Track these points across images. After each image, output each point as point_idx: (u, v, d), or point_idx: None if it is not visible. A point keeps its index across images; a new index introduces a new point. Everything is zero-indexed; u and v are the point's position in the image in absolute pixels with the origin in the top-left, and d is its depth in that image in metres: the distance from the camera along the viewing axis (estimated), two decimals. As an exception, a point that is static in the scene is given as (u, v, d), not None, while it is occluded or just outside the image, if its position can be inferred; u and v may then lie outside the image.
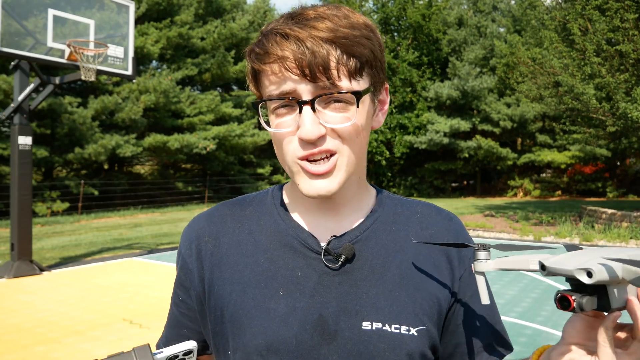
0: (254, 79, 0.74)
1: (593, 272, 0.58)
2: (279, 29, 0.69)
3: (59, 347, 4.43)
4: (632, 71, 11.57)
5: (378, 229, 0.80)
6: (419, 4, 26.87)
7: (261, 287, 0.76)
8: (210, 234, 0.82)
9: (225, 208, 0.86)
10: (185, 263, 0.83)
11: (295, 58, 0.66)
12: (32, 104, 7.46)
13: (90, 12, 7.52)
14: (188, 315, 0.84)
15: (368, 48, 0.70)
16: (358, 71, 0.69)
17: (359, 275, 0.76)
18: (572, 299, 0.60)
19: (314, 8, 0.71)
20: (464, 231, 0.87)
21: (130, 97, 18.07)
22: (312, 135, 0.68)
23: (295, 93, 0.68)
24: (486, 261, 0.69)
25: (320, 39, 0.67)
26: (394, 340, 0.73)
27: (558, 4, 14.33)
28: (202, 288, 0.80)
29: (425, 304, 0.76)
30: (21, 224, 7.27)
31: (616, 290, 0.62)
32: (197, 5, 21.93)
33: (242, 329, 0.75)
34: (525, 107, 23.67)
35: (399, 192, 27.64)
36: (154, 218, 16.12)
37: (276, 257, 0.78)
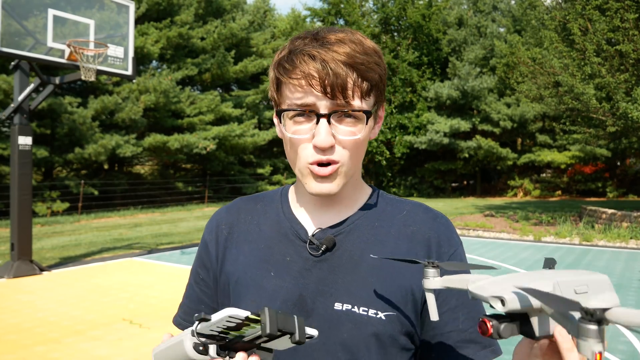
0: (276, 88, 0.85)
1: (505, 300, 0.58)
2: (306, 50, 0.80)
3: (59, 347, 4.43)
4: (632, 71, 11.57)
5: (361, 224, 0.91)
6: (419, 4, 26.86)
7: (258, 268, 0.90)
8: (227, 223, 0.99)
9: (242, 202, 1.02)
10: (207, 246, 0.99)
11: (320, 77, 0.78)
12: (32, 104, 7.46)
13: (90, 12, 7.52)
14: (207, 293, 0.99)
15: (377, 73, 0.82)
16: (368, 93, 0.82)
17: (337, 262, 0.87)
18: (490, 325, 0.60)
19: (334, 33, 0.82)
20: (448, 231, 0.93)
21: (130, 97, 18.06)
22: (326, 143, 0.79)
23: (315, 106, 0.80)
24: (433, 278, 0.73)
25: (341, 62, 0.78)
26: (361, 321, 0.83)
27: (558, 4, 14.33)
28: (217, 267, 0.97)
29: (399, 293, 0.85)
30: (21, 224, 7.27)
31: (540, 318, 0.60)
32: (197, 5, 21.92)
33: (240, 301, 0.89)
34: (525, 107, 23.66)
35: (399, 192, 27.63)
36: (154, 218, 16.12)
37: (273, 244, 0.92)
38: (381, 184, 28.09)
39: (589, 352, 0.52)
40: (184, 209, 19.11)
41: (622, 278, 7.44)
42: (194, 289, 1.01)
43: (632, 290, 6.64)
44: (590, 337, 0.52)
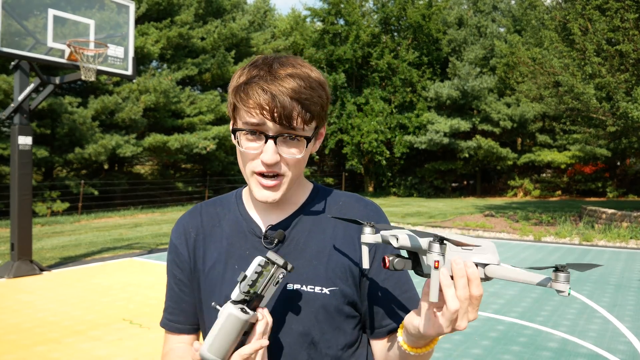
0: (233, 109, 1.00)
1: (398, 238, 0.80)
2: (260, 83, 0.93)
3: (59, 347, 4.43)
4: (632, 71, 11.57)
5: (304, 217, 1.08)
6: (419, 4, 26.85)
7: (223, 262, 1.06)
8: (193, 226, 1.13)
9: (202, 208, 1.16)
10: (178, 249, 1.12)
11: (270, 107, 0.92)
12: (32, 104, 7.46)
13: (90, 12, 7.52)
14: (185, 291, 1.12)
15: (319, 105, 0.97)
16: (310, 120, 0.97)
17: (286, 251, 1.04)
18: (388, 260, 0.81)
19: (284, 68, 0.96)
20: (377, 213, 1.12)
21: (130, 97, 18.05)
22: (271, 160, 0.95)
23: (264, 128, 0.95)
24: (370, 234, 0.89)
25: (288, 96, 0.93)
26: (308, 297, 1.01)
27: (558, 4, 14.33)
28: (190, 266, 1.10)
29: (338, 270, 1.03)
30: (21, 224, 7.27)
31: (426, 258, 0.78)
32: (197, 5, 21.91)
33: (212, 293, 1.05)
34: (525, 107, 23.65)
35: (399, 192, 27.63)
36: (154, 218, 16.12)
37: (234, 241, 1.07)
38: (381, 184, 28.07)
39: (431, 261, 0.74)
40: (184, 209, 19.11)
41: (622, 278, 7.43)
42: (174, 290, 1.13)
43: (632, 290, 6.64)
44: (433, 251, 0.74)
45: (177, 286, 1.12)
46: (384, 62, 25.85)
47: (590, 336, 4.79)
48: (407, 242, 0.79)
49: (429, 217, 16.09)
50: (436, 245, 0.73)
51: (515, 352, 4.34)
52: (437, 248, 0.73)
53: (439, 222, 14.66)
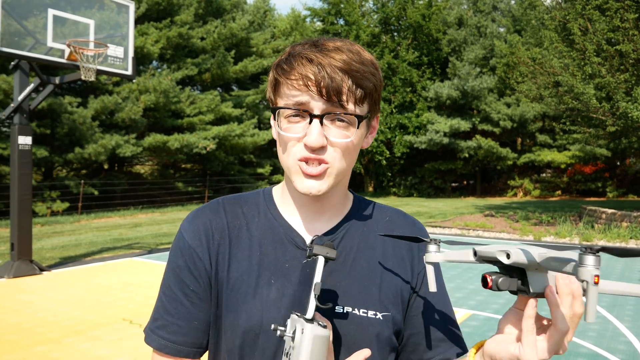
0: (273, 88, 0.87)
1: (511, 253, 0.67)
2: (304, 53, 0.82)
3: (59, 347, 4.43)
4: (632, 71, 11.57)
5: (352, 230, 0.95)
6: (419, 4, 26.85)
7: (255, 275, 0.88)
8: (217, 226, 0.93)
9: (225, 205, 0.96)
10: (195, 252, 0.91)
11: (316, 79, 0.80)
12: (32, 104, 7.46)
13: (90, 12, 7.52)
14: (199, 306, 0.90)
15: (372, 82, 0.84)
16: (362, 99, 0.83)
17: (334, 267, 0.90)
18: (490, 279, 0.70)
19: (333, 41, 0.85)
20: (425, 234, 1.01)
21: (130, 97, 18.05)
22: (316, 143, 0.80)
23: (309, 106, 0.81)
24: (435, 253, 0.79)
25: (337, 67, 0.80)
26: (362, 322, 0.87)
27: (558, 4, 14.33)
28: (210, 275, 0.90)
29: (390, 292, 0.91)
30: (21, 224, 7.27)
31: (535, 275, 0.70)
32: (197, 5, 21.91)
33: (238, 311, 0.87)
34: (525, 107, 23.66)
35: (399, 192, 27.63)
36: (154, 218, 16.12)
37: (269, 251, 0.90)
38: (381, 184, 28.07)
39: (589, 276, 0.61)
40: (184, 209, 19.11)
41: (622, 278, 7.44)
42: (181, 304, 0.90)
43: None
44: (589, 264, 0.62)
45: (187, 299, 0.90)
46: (384, 62, 25.84)
47: (590, 336, 4.79)
48: (522, 258, 0.67)
49: (429, 217, 16.09)
50: (592, 258, 0.63)
51: (515, 352, 4.34)
52: (594, 261, 0.63)
53: (439, 222, 14.66)
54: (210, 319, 0.90)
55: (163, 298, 0.92)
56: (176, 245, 0.94)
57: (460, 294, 6.40)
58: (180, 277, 0.91)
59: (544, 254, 0.66)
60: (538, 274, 0.70)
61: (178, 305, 0.90)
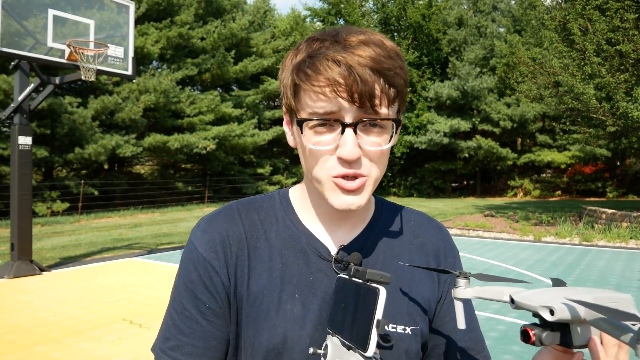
0: (293, 94, 0.77)
1: (555, 310, 0.62)
2: (329, 54, 0.72)
3: (59, 347, 4.43)
4: (632, 71, 11.57)
5: (378, 237, 0.88)
6: (419, 4, 26.86)
7: (278, 290, 0.81)
8: (234, 236, 0.84)
9: (239, 212, 0.87)
10: (211, 266, 0.81)
11: (347, 84, 0.71)
12: (32, 104, 7.46)
13: (90, 12, 7.52)
14: (217, 324, 0.82)
15: (403, 79, 0.76)
16: (394, 100, 0.75)
17: None
18: (533, 333, 0.65)
19: (355, 34, 0.75)
20: (450, 240, 0.97)
21: (130, 97, 18.06)
22: (353, 155, 0.72)
23: (339, 115, 0.73)
24: (465, 288, 0.74)
25: (368, 67, 0.71)
26: (392, 339, 0.81)
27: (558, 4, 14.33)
28: (229, 291, 0.82)
29: (418, 306, 0.86)
30: (21, 224, 7.27)
31: (579, 328, 0.65)
32: (197, 5, 21.91)
33: (259, 328, 0.79)
34: (525, 107, 23.67)
35: (399, 192, 27.63)
36: (154, 218, 16.12)
37: (291, 262, 0.83)
38: (381, 184, 28.08)
39: None
40: (184, 209, 19.11)
41: (622, 278, 7.44)
42: (197, 322, 0.81)
43: (632, 290, 6.64)
44: None
45: (203, 317, 0.81)
46: (384, 62, 25.86)
47: (590, 336, 4.78)
48: (567, 315, 0.62)
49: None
50: None
51: (515, 352, 4.34)
52: None
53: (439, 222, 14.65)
54: (228, 338, 0.83)
55: (175, 316, 0.83)
56: (188, 257, 0.83)
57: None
58: (195, 293, 0.82)
59: (594, 314, 0.60)
60: (583, 327, 0.65)
61: (193, 324, 0.81)
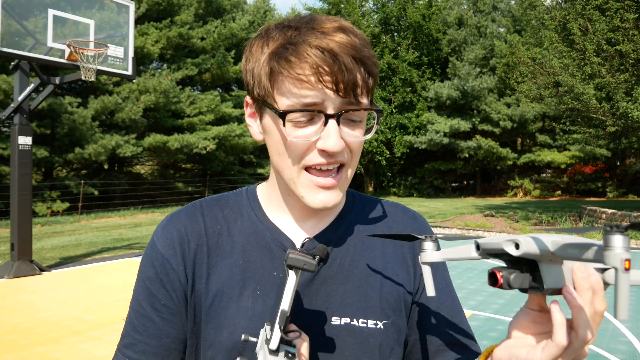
0: (270, 81, 0.71)
1: (520, 243, 0.56)
2: (311, 40, 0.68)
3: (59, 347, 4.43)
4: (632, 71, 11.57)
5: (347, 229, 0.84)
6: (419, 4, 26.87)
7: (239, 286, 0.78)
8: (193, 233, 0.81)
9: (203, 208, 0.85)
10: (168, 263, 0.79)
11: (332, 71, 0.67)
12: (32, 104, 7.46)
13: (90, 12, 7.52)
14: (171, 321, 0.79)
15: (377, 67, 0.74)
16: (372, 89, 0.73)
17: (328, 273, 0.80)
18: (500, 275, 0.59)
19: (328, 20, 0.71)
20: (427, 228, 0.91)
21: (130, 97, 18.06)
22: (338, 148, 0.70)
23: (322, 105, 0.69)
24: (432, 252, 0.70)
25: (350, 55, 0.68)
26: (362, 334, 0.77)
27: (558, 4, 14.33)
28: (186, 288, 0.79)
29: (391, 297, 0.81)
30: (21, 224, 7.27)
31: (549, 268, 0.59)
32: (197, 5, 21.92)
33: (219, 327, 0.76)
34: (525, 107, 23.67)
35: (399, 192, 27.63)
36: (154, 218, 16.12)
37: (254, 257, 0.80)
38: (381, 184, 28.08)
39: (618, 261, 0.49)
40: (184, 209, 19.10)
41: (622, 278, 7.44)
42: (151, 320, 0.79)
43: (632, 290, 6.64)
44: (617, 245, 0.50)
45: (157, 314, 0.79)
46: (384, 62, 25.85)
47: (590, 336, 4.79)
48: (534, 248, 0.56)
49: (429, 217, 16.09)
50: (620, 238, 0.50)
51: (515, 352, 4.34)
52: (622, 241, 0.50)
53: (439, 222, 14.66)
54: (184, 336, 0.80)
55: (132, 314, 0.81)
56: (148, 254, 0.82)
57: (460, 294, 6.40)
58: (151, 290, 0.80)
59: (559, 242, 0.56)
60: (553, 267, 0.59)
61: (147, 321, 0.80)
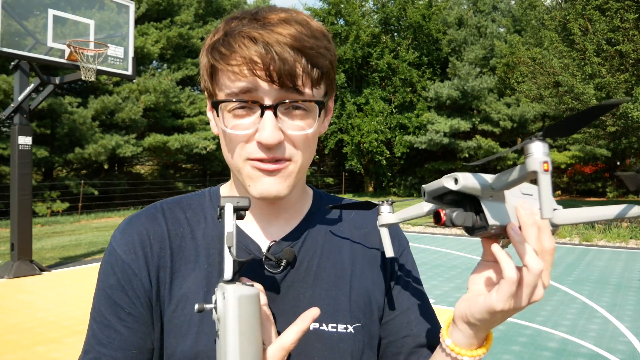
0: (211, 76, 0.72)
1: (458, 177, 0.57)
2: (245, 31, 0.68)
3: (59, 347, 4.43)
4: (632, 71, 11.58)
5: (314, 232, 0.82)
6: (419, 4, 26.86)
7: (203, 291, 0.74)
8: (155, 236, 0.77)
9: (164, 210, 0.81)
10: (130, 269, 0.75)
11: (264, 62, 0.66)
12: (32, 104, 7.46)
13: (90, 12, 7.52)
14: (138, 331, 0.74)
15: (328, 59, 0.71)
16: (319, 81, 0.71)
17: (295, 277, 0.77)
18: (443, 213, 0.58)
19: (276, 12, 0.71)
20: (397, 229, 0.89)
21: (130, 97, 18.07)
22: (273, 140, 0.68)
23: (257, 96, 0.68)
24: (388, 214, 0.71)
25: (287, 45, 0.67)
26: (331, 339, 0.74)
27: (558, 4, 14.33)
28: (151, 293, 0.76)
29: (361, 300, 0.78)
30: (21, 224, 7.27)
31: (492, 204, 0.59)
32: (197, 5, 21.93)
33: (182, 336, 0.73)
34: (525, 107, 23.67)
35: (399, 192, 27.63)
36: (154, 218, 16.12)
37: (218, 262, 0.76)
38: (381, 184, 28.08)
39: (537, 164, 0.51)
40: (184, 209, 19.12)
41: (622, 278, 7.43)
42: (116, 330, 0.74)
43: (632, 290, 6.64)
44: (535, 151, 0.52)
45: (122, 324, 0.74)
46: (384, 62, 25.85)
47: (590, 336, 4.79)
48: (473, 182, 0.57)
49: (429, 217, 16.07)
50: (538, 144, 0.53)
51: (515, 352, 4.34)
52: (541, 147, 0.53)
53: (439, 222, 14.65)
54: (152, 346, 0.75)
55: (94, 326, 0.76)
56: (107, 260, 0.77)
57: (460, 294, 6.40)
58: (113, 299, 0.75)
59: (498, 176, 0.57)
60: (495, 203, 0.59)
61: (112, 333, 0.74)
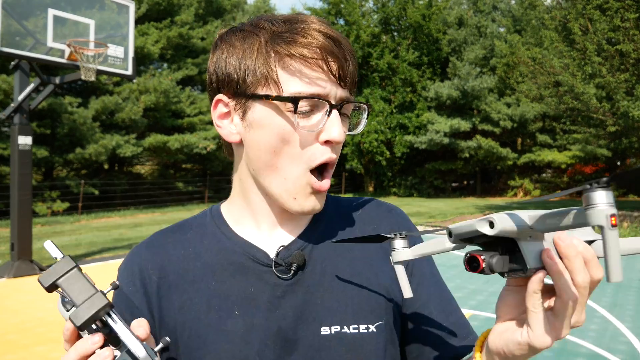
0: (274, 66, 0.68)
1: (495, 221, 0.51)
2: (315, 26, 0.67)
3: (59, 347, 4.43)
4: (632, 71, 11.57)
5: (324, 232, 0.79)
6: (419, 4, 26.85)
7: (215, 309, 0.73)
8: (154, 265, 0.77)
9: (165, 236, 0.81)
10: (130, 301, 0.75)
11: (337, 59, 0.66)
12: (32, 104, 7.46)
13: (90, 12, 7.52)
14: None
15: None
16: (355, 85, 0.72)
17: (311, 281, 0.75)
18: (482, 259, 0.54)
19: (307, 16, 0.70)
20: (406, 221, 0.87)
21: (131, 97, 18.08)
22: (343, 138, 0.68)
23: (328, 95, 0.68)
24: (403, 250, 0.66)
25: (348, 47, 0.68)
26: (354, 341, 0.72)
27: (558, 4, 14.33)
28: (154, 324, 0.74)
29: (380, 297, 0.76)
30: (21, 224, 7.27)
31: (530, 245, 0.54)
32: (197, 5, 21.94)
33: (200, 356, 0.71)
34: (525, 107, 23.66)
35: (399, 192, 27.62)
36: (154, 218, 16.12)
37: (226, 276, 0.75)
38: (381, 184, 28.08)
39: (603, 217, 0.45)
40: (184, 209, 19.11)
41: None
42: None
43: (632, 290, 6.64)
44: (600, 202, 0.46)
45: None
46: (384, 62, 25.85)
47: (590, 336, 4.78)
48: (510, 224, 0.51)
49: (429, 217, 16.09)
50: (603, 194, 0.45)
51: (515, 352, 4.34)
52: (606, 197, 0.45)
53: (439, 222, 14.66)
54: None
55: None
56: (114, 292, 0.77)
57: (461, 293, 6.40)
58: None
59: (537, 214, 0.51)
60: (534, 243, 0.54)
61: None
